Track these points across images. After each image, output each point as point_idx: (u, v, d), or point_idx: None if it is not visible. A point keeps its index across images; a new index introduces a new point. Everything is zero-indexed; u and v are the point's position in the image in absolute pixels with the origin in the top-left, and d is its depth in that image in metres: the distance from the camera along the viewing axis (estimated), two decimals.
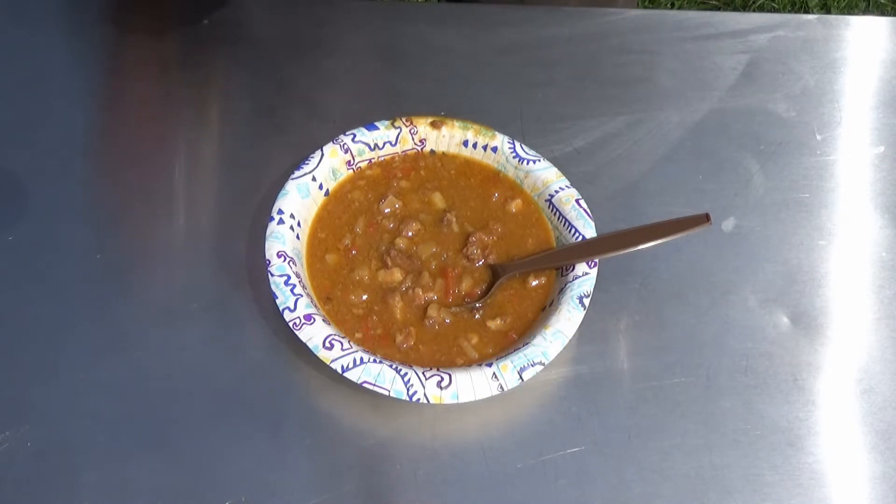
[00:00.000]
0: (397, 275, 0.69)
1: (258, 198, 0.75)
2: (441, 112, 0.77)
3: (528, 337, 0.65)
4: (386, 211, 0.73)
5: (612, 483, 0.64)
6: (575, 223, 0.71)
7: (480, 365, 0.64)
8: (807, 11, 1.97)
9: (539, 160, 0.74)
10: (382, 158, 0.75)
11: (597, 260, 0.68)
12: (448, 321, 0.68)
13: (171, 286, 0.72)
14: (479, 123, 0.76)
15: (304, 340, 0.63)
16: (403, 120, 0.75)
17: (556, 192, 0.73)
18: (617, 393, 0.67)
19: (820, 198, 0.79)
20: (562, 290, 0.67)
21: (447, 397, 0.62)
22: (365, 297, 0.69)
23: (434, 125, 0.75)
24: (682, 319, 0.71)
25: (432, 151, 0.76)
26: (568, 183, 0.73)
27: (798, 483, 0.64)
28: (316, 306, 0.66)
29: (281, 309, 0.65)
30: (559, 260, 0.69)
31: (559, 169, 0.74)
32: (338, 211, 0.73)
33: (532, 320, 0.68)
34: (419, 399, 0.62)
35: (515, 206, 0.74)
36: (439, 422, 0.66)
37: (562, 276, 0.69)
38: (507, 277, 0.69)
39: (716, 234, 0.76)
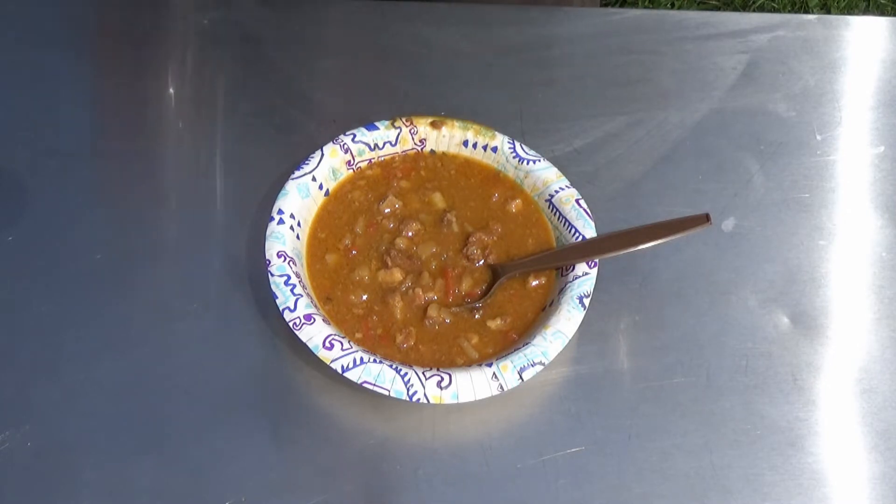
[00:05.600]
0: (397, 275, 0.69)
1: (258, 198, 0.75)
2: (441, 112, 0.77)
3: (528, 337, 0.65)
4: (386, 211, 0.73)
5: (612, 483, 0.64)
6: (575, 223, 0.71)
7: (480, 365, 0.64)
8: (807, 11, 1.97)
9: (539, 160, 0.74)
10: (382, 158, 0.75)
11: (597, 260, 0.68)
12: (448, 321, 0.68)
13: (171, 286, 0.72)
14: (479, 123, 0.76)
15: (304, 340, 0.63)
16: (403, 120, 0.75)
17: (556, 192, 0.73)
18: (617, 393, 0.68)
19: (820, 198, 0.79)
20: (562, 290, 0.67)
21: (447, 397, 0.62)
22: (365, 297, 0.69)
23: (434, 125, 0.75)
24: (682, 319, 0.71)
25: (432, 151, 0.76)
26: (568, 183, 0.73)
27: (798, 483, 0.64)
28: (316, 306, 0.66)
29: (281, 309, 0.65)
30: (559, 260, 0.69)
31: (559, 169, 0.74)
32: (338, 211, 0.73)
33: (532, 320, 0.68)
34: (419, 399, 0.62)
35: (515, 206, 0.74)
36: (439, 422, 0.66)
37: (562, 276, 0.69)
38: (507, 277, 0.69)
39: (716, 234, 0.76)
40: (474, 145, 0.76)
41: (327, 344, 0.63)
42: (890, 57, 0.90)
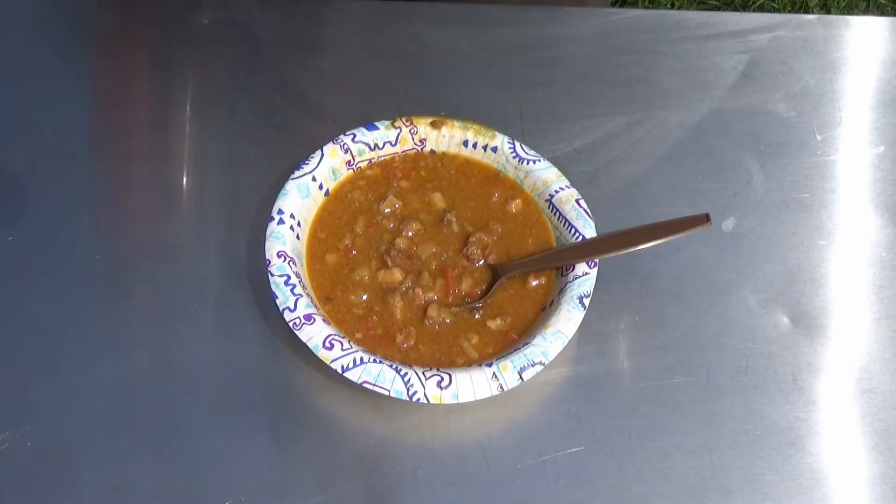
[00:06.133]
0: (397, 275, 0.69)
1: (258, 198, 0.75)
2: (441, 112, 0.77)
3: (528, 337, 0.65)
4: (386, 211, 0.73)
5: (612, 483, 0.64)
6: (575, 223, 0.71)
7: (480, 365, 0.64)
8: (807, 11, 1.97)
9: (539, 160, 0.74)
10: (382, 158, 0.75)
11: (597, 260, 0.68)
12: (448, 321, 0.68)
13: (171, 286, 0.72)
14: (479, 123, 0.76)
15: (304, 340, 0.63)
16: (403, 120, 0.75)
17: (556, 192, 0.73)
18: (617, 393, 0.68)
19: (820, 198, 0.79)
20: (562, 290, 0.67)
21: (447, 397, 0.62)
22: (365, 297, 0.69)
23: (434, 125, 0.75)
24: (682, 319, 0.71)
25: (432, 151, 0.76)
26: (568, 183, 0.73)
27: (798, 483, 0.64)
28: (316, 306, 0.66)
29: (281, 309, 0.65)
30: (559, 260, 0.69)
31: (559, 169, 0.74)
32: (338, 211, 0.73)
33: (532, 320, 0.68)
34: (419, 399, 0.62)
35: (515, 206, 0.74)
36: (439, 422, 0.66)
37: (562, 276, 0.69)
38: (507, 277, 0.69)
39: (716, 234, 0.76)
40: (474, 145, 0.76)
41: (327, 344, 0.63)
42: (890, 57, 0.90)
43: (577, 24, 0.91)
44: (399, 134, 0.75)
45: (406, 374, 0.62)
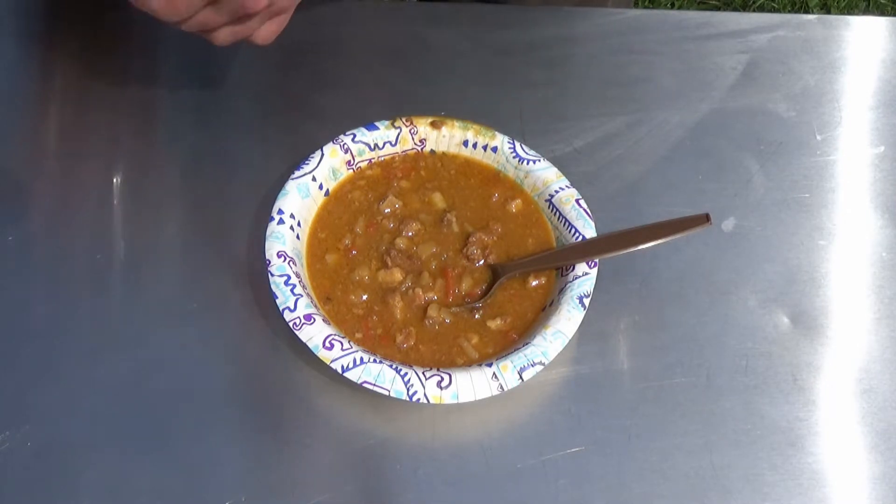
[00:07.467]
0: (397, 275, 0.69)
1: (258, 198, 0.75)
2: (441, 112, 0.77)
3: (528, 337, 0.65)
4: (386, 211, 0.73)
5: (612, 483, 0.64)
6: (575, 223, 0.71)
7: (480, 365, 0.64)
8: (807, 11, 1.97)
9: (539, 160, 0.74)
10: (382, 158, 0.76)
11: (597, 260, 0.68)
12: (448, 321, 0.68)
13: (171, 286, 0.72)
14: (479, 123, 0.76)
15: (304, 340, 0.63)
16: (403, 120, 0.75)
17: (556, 192, 0.73)
18: (617, 393, 0.68)
19: (820, 198, 0.79)
20: (562, 290, 0.67)
21: (447, 397, 0.62)
22: (365, 297, 0.69)
23: (434, 125, 0.75)
24: (682, 319, 0.71)
25: (432, 151, 0.76)
26: (568, 183, 0.73)
27: (798, 483, 0.64)
28: (316, 306, 0.66)
29: (281, 309, 0.65)
30: (559, 260, 0.70)
31: (559, 169, 0.74)
32: (338, 211, 0.73)
33: (532, 320, 0.68)
34: (419, 399, 0.62)
35: (515, 206, 0.74)
36: (439, 422, 0.66)
37: (562, 276, 0.69)
38: (507, 277, 0.69)
39: (716, 234, 0.76)
40: (474, 145, 0.76)
41: (327, 344, 0.63)
42: (890, 57, 0.90)
43: (577, 24, 0.91)
44: (399, 134, 0.75)
45: (406, 374, 0.62)
